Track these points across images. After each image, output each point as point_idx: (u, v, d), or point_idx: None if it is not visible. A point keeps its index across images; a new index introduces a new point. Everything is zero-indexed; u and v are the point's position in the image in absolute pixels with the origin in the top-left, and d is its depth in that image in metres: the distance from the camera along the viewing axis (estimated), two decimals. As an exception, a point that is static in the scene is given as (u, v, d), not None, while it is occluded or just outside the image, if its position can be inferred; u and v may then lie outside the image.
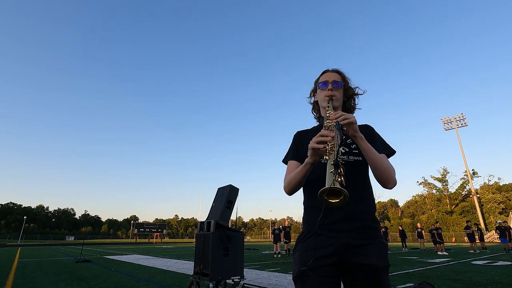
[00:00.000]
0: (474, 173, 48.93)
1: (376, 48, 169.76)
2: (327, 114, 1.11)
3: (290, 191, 1.15)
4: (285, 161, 1.32)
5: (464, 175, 49.54)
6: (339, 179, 0.82)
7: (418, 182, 57.01)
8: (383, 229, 14.46)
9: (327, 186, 0.81)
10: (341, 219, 1.09)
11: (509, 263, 8.21)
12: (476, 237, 15.23)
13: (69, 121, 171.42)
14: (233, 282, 4.08)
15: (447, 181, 53.00)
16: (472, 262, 8.63)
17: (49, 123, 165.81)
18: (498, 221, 14.74)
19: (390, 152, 1.19)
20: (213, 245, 3.80)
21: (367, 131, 1.25)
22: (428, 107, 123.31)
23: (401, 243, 18.64)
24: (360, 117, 1.15)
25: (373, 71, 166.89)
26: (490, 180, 50.38)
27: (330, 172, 0.84)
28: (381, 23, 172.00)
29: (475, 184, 49.20)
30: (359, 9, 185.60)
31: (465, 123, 48.49)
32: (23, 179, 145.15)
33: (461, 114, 48.59)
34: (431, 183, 55.00)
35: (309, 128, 1.40)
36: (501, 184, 48.96)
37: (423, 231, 16.72)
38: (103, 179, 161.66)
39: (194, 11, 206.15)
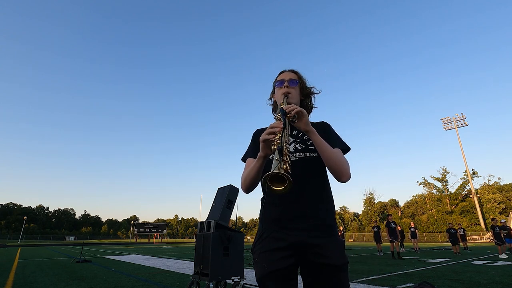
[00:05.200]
0: (474, 173, 48.96)
1: (376, 48, 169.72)
2: (279, 108, 1.11)
3: (247, 188, 1.13)
4: (243, 159, 1.31)
5: (464, 175, 49.58)
6: (284, 166, 0.81)
7: (418, 182, 57.08)
8: (375, 229, 13.98)
9: (271, 171, 0.80)
10: (296, 217, 1.09)
11: (509, 263, 8.22)
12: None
13: (69, 121, 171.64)
14: (233, 282, 4.08)
15: (447, 181, 53.06)
16: (472, 262, 8.63)
17: (49, 123, 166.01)
18: (502, 220, 14.48)
19: (345, 148, 1.19)
20: (213, 245, 3.80)
21: (323, 127, 1.26)
22: (428, 107, 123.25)
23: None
24: (359, 117, 1.14)
25: (373, 71, 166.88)
26: (490, 180, 50.43)
27: (276, 159, 0.83)
28: (381, 23, 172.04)
29: (475, 184, 49.25)
30: (359, 9, 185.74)
31: (465, 123, 48.53)
32: (23, 179, 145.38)
33: (461, 114, 48.67)
34: (431, 183, 55.03)
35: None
36: (501, 184, 48.99)
37: (416, 231, 16.42)
38: (103, 179, 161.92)
39: (194, 11, 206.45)
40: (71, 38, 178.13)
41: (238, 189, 4.57)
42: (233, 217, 4.66)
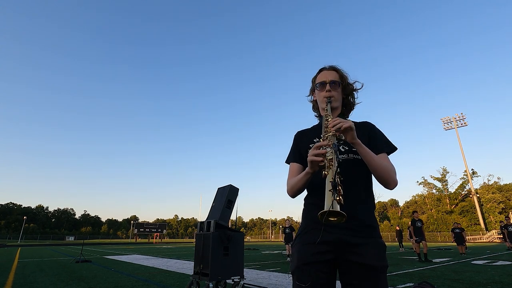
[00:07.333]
0: (474, 173, 48.99)
1: (376, 47, 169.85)
2: (325, 122, 1.12)
3: (293, 195, 1.19)
4: (287, 162, 1.34)
5: (464, 175, 49.59)
6: (338, 198, 0.86)
7: (418, 182, 57.14)
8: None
9: (326, 208, 0.84)
10: None
11: (509, 262, 8.21)
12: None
13: (69, 121, 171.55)
14: (233, 282, 4.08)
15: (447, 181, 53.08)
16: (472, 262, 8.63)
17: (49, 123, 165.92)
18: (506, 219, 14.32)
19: (391, 149, 1.19)
20: (213, 245, 3.80)
21: (367, 128, 1.24)
22: (428, 107, 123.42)
23: (398, 243, 18.59)
24: (360, 116, 1.15)
25: (373, 70, 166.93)
26: (489, 180, 50.48)
27: (329, 191, 0.87)
28: (381, 23, 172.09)
29: (475, 184, 49.28)
30: (359, 9, 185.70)
31: (465, 123, 48.53)
32: (23, 179, 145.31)
33: (461, 114, 48.67)
34: (431, 183, 55.05)
35: (309, 127, 1.40)
36: (501, 184, 49.00)
37: None
38: (103, 179, 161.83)
39: (194, 11, 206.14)
40: (72, 38, 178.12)
41: (238, 189, 4.57)
42: (233, 217, 4.66)
